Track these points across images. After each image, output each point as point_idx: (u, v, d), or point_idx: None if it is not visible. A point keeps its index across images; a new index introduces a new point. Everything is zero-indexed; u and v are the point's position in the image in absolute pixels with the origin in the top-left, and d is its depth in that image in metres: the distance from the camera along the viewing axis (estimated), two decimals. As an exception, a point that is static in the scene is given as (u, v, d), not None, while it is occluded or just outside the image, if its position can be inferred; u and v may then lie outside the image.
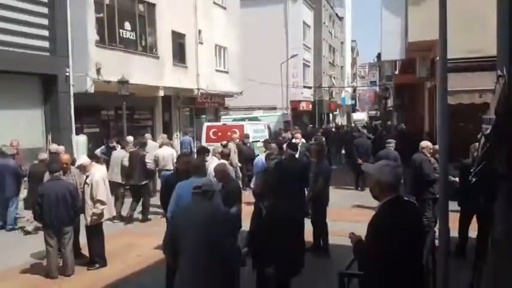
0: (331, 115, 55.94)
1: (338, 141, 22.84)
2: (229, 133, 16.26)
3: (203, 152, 9.53)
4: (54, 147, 10.73)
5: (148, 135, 13.42)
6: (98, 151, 13.77)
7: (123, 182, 10.97)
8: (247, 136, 15.52)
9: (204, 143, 17.19)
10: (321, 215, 7.88)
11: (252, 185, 9.41)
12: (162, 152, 11.75)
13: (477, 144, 7.29)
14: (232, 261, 4.30)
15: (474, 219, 7.31)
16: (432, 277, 4.68)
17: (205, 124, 18.51)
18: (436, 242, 5.28)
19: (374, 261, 3.20)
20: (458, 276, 5.87)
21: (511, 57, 3.95)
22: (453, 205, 6.74)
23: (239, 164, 13.82)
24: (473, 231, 7.24)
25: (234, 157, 13.45)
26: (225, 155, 9.54)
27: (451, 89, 7.31)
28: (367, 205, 9.39)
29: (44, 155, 9.76)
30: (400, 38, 15.85)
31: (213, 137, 17.04)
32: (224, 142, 14.03)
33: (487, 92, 10.21)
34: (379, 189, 3.35)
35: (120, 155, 11.21)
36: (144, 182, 10.88)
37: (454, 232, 6.62)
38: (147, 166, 10.92)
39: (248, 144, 15.12)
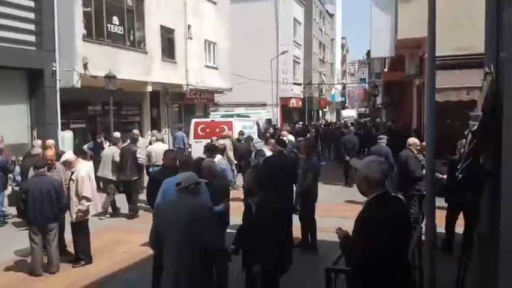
0: (320, 112, 56.06)
1: (327, 138, 22.99)
2: (217, 129, 16.20)
3: (212, 149, 9.30)
4: (38, 143, 10.59)
5: (136, 131, 13.31)
6: (85, 146, 13.71)
7: (114, 179, 10.91)
8: (241, 133, 15.54)
9: (191, 140, 17.12)
10: (310, 211, 7.86)
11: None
12: (155, 148, 11.82)
13: (464, 140, 7.35)
14: (215, 257, 4.27)
15: (461, 215, 7.34)
16: (419, 272, 4.68)
17: (193, 120, 18.38)
18: (423, 237, 5.29)
19: (361, 257, 3.18)
20: (444, 272, 5.89)
21: (498, 55, 3.96)
22: (440, 202, 6.76)
23: (235, 161, 13.84)
24: (459, 227, 7.28)
25: (230, 153, 13.50)
26: (220, 150, 9.44)
27: (439, 87, 7.35)
28: (356, 201, 9.37)
29: (38, 150, 9.62)
30: (389, 35, 15.89)
31: (201, 134, 16.96)
32: (215, 138, 13.99)
33: (475, 90, 10.28)
34: (367, 185, 3.34)
35: (111, 151, 11.17)
36: (135, 178, 10.82)
37: (440, 228, 6.66)
38: (139, 161, 10.86)
39: (243, 141, 15.12)
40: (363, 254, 3.15)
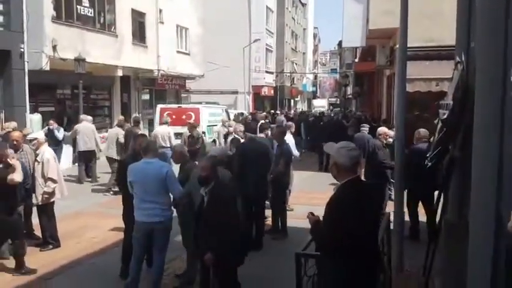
0: (292, 101, 56.24)
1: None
2: (184, 116, 15.94)
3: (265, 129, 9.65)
4: (13, 124, 10.43)
5: (84, 116, 13.13)
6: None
7: (119, 158, 11.11)
8: (242, 114, 15.50)
9: (157, 126, 16.81)
10: (281, 197, 7.92)
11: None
12: (160, 131, 12.34)
13: (422, 130, 7.49)
14: None
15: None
16: (387, 258, 4.77)
17: (159, 106, 17.70)
18: (391, 224, 5.40)
19: (333, 242, 3.20)
20: (412, 258, 6.04)
21: (469, 45, 4.02)
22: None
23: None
24: (423, 216, 7.42)
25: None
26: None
27: (409, 77, 7.46)
28: (329, 188, 9.41)
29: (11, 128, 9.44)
30: (361, 25, 16.06)
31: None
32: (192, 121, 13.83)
33: (444, 81, 10.51)
34: (336, 171, 3.37)
35: (115, 131, 11.70)
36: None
37: (407, 216, 6.80)
38: None
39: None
40: (335, 238, 3.17)
